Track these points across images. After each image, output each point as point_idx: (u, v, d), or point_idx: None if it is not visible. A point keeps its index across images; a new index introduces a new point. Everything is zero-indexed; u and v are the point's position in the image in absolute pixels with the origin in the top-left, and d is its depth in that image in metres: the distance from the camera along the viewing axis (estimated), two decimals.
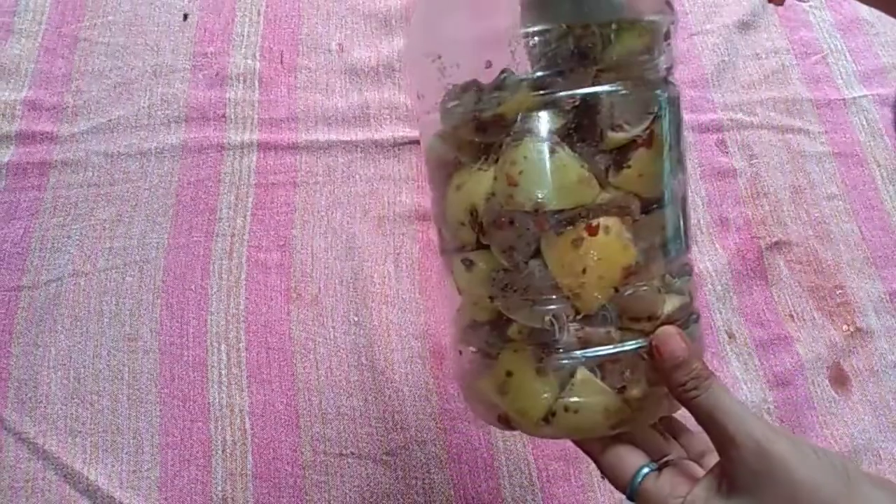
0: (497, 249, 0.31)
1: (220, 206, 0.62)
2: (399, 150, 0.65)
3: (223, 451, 0.52)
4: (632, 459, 0.32)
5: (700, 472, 0.32)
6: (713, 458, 0.32)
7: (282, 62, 0.69)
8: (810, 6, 0.77)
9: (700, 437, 0.34)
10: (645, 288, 0.31)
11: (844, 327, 0.60)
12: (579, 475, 0.53)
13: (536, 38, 0.30)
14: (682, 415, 0.32)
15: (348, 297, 0.59)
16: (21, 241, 0.59)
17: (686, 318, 0.33)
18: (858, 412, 0.57)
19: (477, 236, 0.32)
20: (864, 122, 0.70)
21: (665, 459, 0.33)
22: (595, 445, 0.34)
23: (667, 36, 0.33)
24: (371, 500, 0.51)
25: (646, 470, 0.31)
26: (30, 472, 0.51)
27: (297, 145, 0.65)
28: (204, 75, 0.68)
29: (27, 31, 0.69)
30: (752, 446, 0.27)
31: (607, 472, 0.33)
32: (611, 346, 0.31)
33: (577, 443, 0.35)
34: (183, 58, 0.69)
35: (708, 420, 0.29)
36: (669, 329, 0.31)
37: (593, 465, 0.52)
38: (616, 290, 0.31)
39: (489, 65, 0.31)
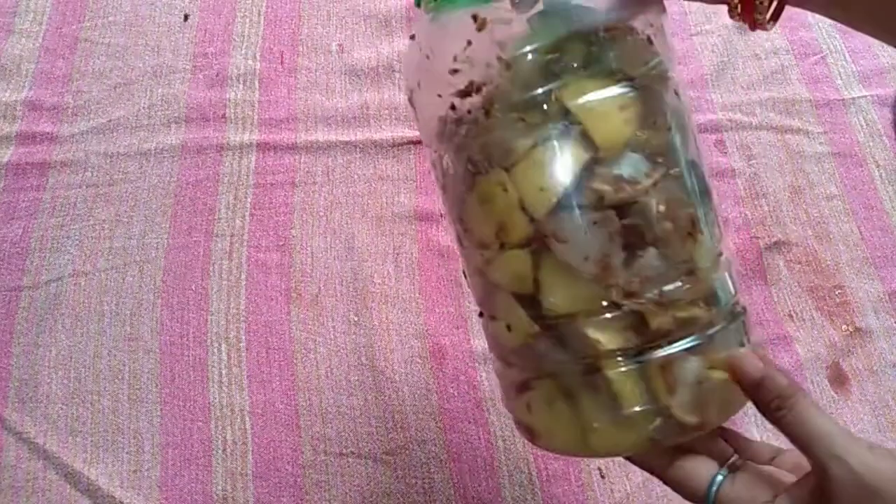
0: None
1: (219, 206, 0.62)
2: (398, 150, 0.66)
3: (223, 450, 0.52)
4: (701, 469, 0.31)
5: (776, 474, 0.30)
6: (787, 458, 0.31)
7: (282, 63, 0.69)
8: None
9: (765, 443, 0.33)
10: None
11: (844, 327, 0.60)
12: (579, 475, 0.53)
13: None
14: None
15: (348, 297, 0.59)
16: (21, 241, 0.59)
17: (732, 310, 0.32)
18: (857, 412, 0.57)
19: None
20: (864, 123, 0.70)
21: (732, 461, 0.32)
22: (659, 461, 0.32)
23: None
24: (371, 499, 0.52)
25: (720, 477, 0.30)
26: (30, 472, 0.51)
27: (296, 146, 0.65)
28: (204, 76, 0.68)
29: (28, 32, 0.69)
30: (848, 476, 0.26)
31: (677, 488, 0.32)
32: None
33: (635, 460, 0.34)
34: (183, 58, 0.69)
35: (797, 442, 0.28)
36: (740, 351, 0.30)
37: (593, 465, 0.53)
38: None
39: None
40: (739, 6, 0.29)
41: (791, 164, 0.68)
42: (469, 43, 0.31)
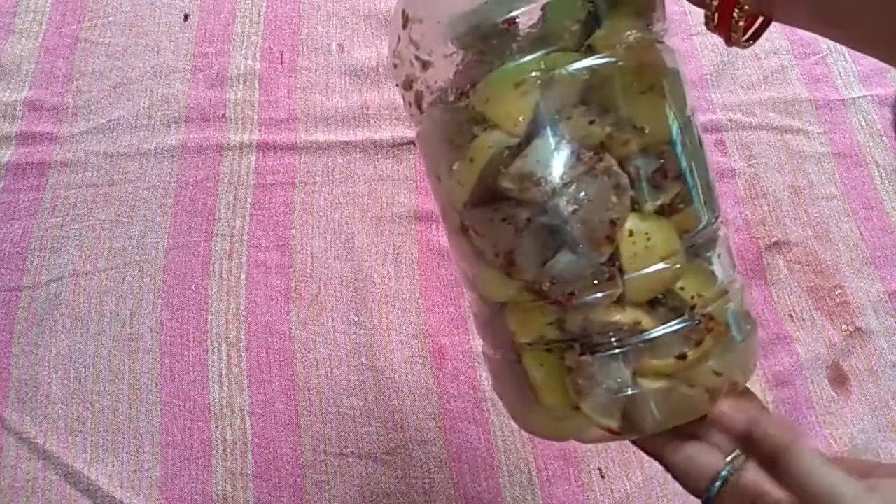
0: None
1: (219, 206, 0.62)
2: (398, 150, 0.66)
3: (223, 450, 0.52)
4: (706, 460, 0.29)
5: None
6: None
7: (282, 63, 0.69)
8: None
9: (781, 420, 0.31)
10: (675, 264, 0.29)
11: (843, 327, 0.60)
12: (579, 475, 0.53)
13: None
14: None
15: (348, 297, 0.59)
16: (20, 241, 0.59)
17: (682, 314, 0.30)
18: (857, 412, 0.57)
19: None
20: (864, 123, 0.70)
21: (736, 455, 0.30)
22: (661, 446, 0.30)
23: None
24: (371, 499, 0.52)
25: (724, 473, 0.28)
26: (30, 472, 0.51)
27: (296, 146, 0.65)
28: (204, 76, 0.68)
29: (28, 32, 0.69)
30: None
31: (678, 477, 0.30)
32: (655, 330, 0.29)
33: (638, 444, 0.32)
34: (183, 58, 0.69)
35: (801, 499, 0.25)
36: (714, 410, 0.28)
37: (593, 465, 0.53)
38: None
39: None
40: (716, 18, 0.27)
41: (791, 164, 0.68)
42: (399, 39, 0.31)
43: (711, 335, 0.30)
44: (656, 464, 0.54)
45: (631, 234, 0.28)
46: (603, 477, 0.53)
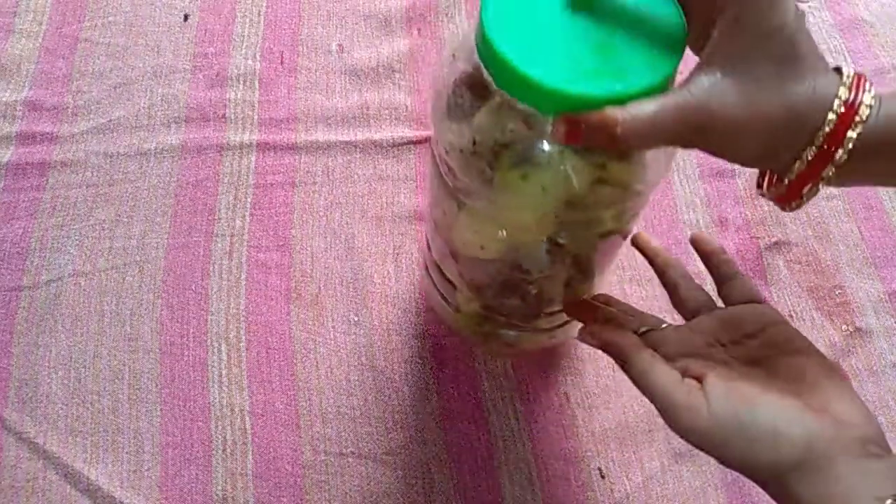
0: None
1: (219, 206, 0.62)
2: (398, 150, 0.66)
3: (223, 450, 0.52)
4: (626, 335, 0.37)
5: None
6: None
7: (282, 63, 0.69)
8: (810, 6, 0.77)
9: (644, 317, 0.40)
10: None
11: (843, 327, 0.60)
12: (579, 475, 0.53)
13: None
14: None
15: (348, 297, 0.59)
16: (20, 241, 0.59)
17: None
18: None
19: None
20: None
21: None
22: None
23: None
24: (371, 499, 0.52)
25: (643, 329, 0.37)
26: (30, 472, 0.51)
27: (296, 146, 0.65)
28: (204, 76, 0.68)
29: (28, 32, 0.69)
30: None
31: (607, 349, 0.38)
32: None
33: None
34: (183, 58, 0.69)
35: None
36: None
37: (593, 465, 0.53)
38: None
39: None
40: (786, 187, 0.29)
41: None
42: (461, 133, 0.34)
43: (570, 323, 0.49)
44: (656, 464, 0.54)
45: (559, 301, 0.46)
46: (603, 477, 0.53)
